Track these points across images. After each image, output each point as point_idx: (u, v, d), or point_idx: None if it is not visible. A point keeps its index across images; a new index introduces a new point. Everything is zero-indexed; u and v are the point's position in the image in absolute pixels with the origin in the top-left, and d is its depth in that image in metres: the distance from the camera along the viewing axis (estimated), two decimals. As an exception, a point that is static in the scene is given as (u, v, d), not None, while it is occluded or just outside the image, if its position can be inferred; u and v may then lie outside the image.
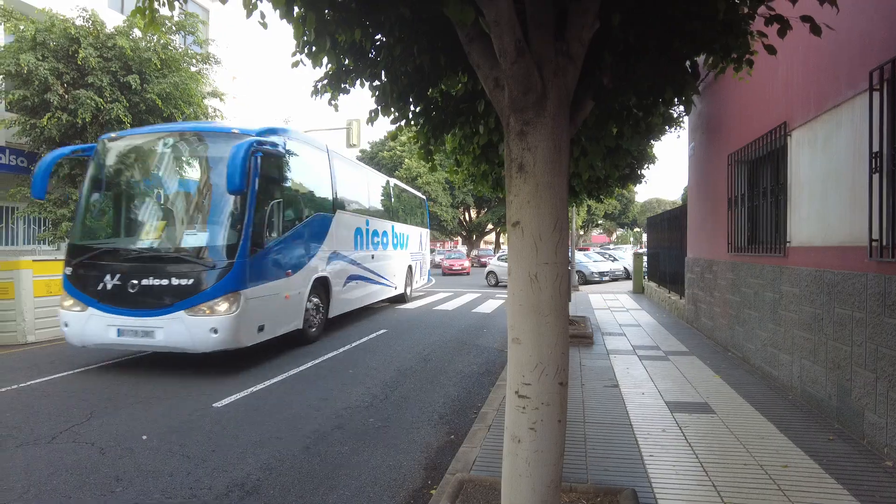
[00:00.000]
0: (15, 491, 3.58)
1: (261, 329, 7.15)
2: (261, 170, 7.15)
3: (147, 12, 2.59)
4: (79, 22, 12.21)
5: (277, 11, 2.92)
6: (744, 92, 7.27)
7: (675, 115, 8.48)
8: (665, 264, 14.14)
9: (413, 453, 4.29)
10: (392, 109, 3.93)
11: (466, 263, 33.38)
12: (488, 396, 5.62)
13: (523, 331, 2.22)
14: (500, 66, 2.42)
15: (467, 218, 45.62)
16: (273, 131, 7.80)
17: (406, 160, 38.14)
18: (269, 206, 7.35)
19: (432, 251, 46.81)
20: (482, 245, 50.08)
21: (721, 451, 3.99)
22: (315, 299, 8.91)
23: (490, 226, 46.42)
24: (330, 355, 7.96)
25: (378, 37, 3.40)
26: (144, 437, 4.55)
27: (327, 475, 3.86)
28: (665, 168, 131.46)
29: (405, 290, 15.47)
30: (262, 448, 4.32)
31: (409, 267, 15.97)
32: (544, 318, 2.19)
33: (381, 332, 10.14)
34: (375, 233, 12.50)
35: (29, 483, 3.69)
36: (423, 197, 19.94)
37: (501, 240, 52.63)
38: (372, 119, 3.64)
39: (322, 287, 9.24)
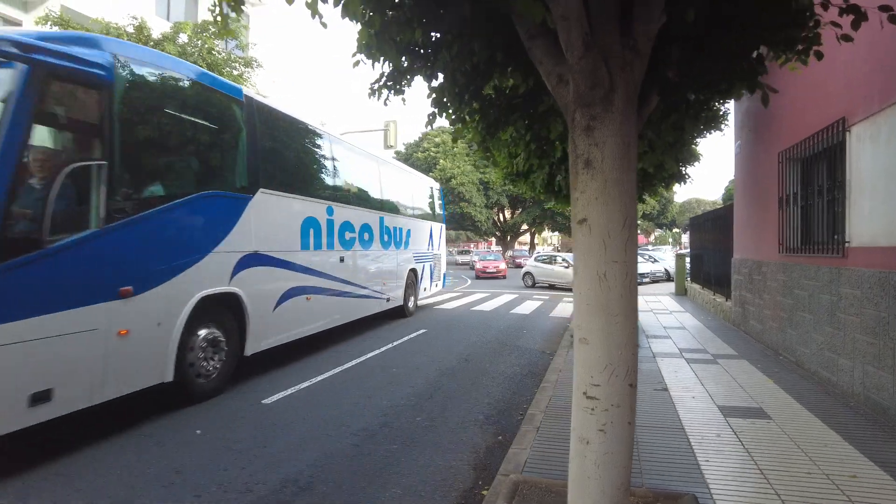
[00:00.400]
0: (84, 479, 3.70)
1: (39, 399, 3.95)
2: (36, 103, 4.05)
3: (220, 19, 2.67)
4: (129, 30, 12.64)
5: (338, 10, 2.97)
6: (797, 88, 7.02)
7: (721, 112, 8.30)
8: (709, 266, 13.78)
9: (461, 453, 4.27)
10: (450, 110, 3.96)
11: (502, 265, 29.33)
12: (534, 398, 5.56)
13: (591, 331, 2.18)
14: (566, 61, 2.38)
15: (501, 219, 45.51)
16: (85, 39, 4.66)
17: (441, 161, 38.29)
18: (64, 173, 4.15)
19: (467, 252, 46.65)
20: (516, 245, 49.86)
21: (781, 459, 3.84)
22: (214, 331, 5.75)
23: (525, 226, 46.16)
24: (360, 359, 8.01)
25: (434, 35, 3.42)
26: (199, 432, 4.66)
27: (378, 473, 3.88)
28: (705, 167, 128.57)
29: (406, 301, 12.18)
30: (313, 445, 4.37)
31: (413, 271, 12.64)
32: (613, 317, 2.15)
33: (421, 331, 10.17)
34: (348, 226, 9.14)
35: (95, 475, 3.81)
36: (435, 183, 16.04)
37: (536, 240, 52.31)
38: (430, 122, 3.68)
39: (229, 310, 6.05)
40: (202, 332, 5.64)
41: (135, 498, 3.46)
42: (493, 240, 51.30)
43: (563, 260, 22.09)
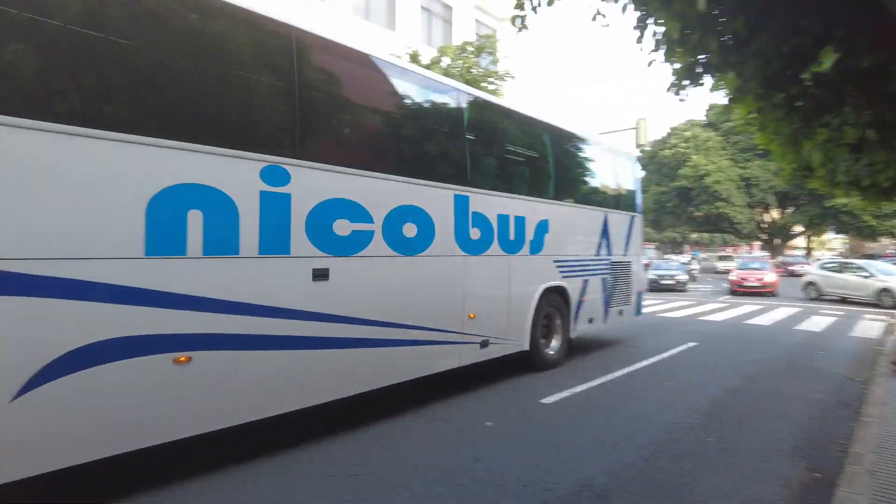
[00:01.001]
0: (402, 452, 4.29)
1: None
2: None
3: (519, 21, 3.25)
4: (405, 59, 14.50)
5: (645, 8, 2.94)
6: None
7: None
8: None
9: (770, 485, 3.80)
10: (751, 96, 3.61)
11: (770, 277, 20.79)
12: (854, 433, 4.69)
13: None
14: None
15: (767, 219, 39.82)
16: None
17: (693, 156, 35.31)
18: None
19: (729, 258, 40.51)
20: (784, 251, 42.79)
21: None
22: None
23: (800, 227, 39.48)
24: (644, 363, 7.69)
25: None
26: (489, 424, 5.02)
27: (674, 492, 3.69)
28: None
29: (539, 344, 7.04)
30: (601, 452, 4.36)
31: (558, 291, 7.37)
32: None
33: (691, 344, 9.38)
34: (343, 208, 4.58)
35: (415, 447, 4.35)
36: (623, 149, 10.07)
37: (812, 244, 44.60)
38: (730, 99, 3.46)
39: None
40: None
41: (450, 476, 3.87)
42: (758, 243, 44.99)
43: (859, 268, 18.27)
